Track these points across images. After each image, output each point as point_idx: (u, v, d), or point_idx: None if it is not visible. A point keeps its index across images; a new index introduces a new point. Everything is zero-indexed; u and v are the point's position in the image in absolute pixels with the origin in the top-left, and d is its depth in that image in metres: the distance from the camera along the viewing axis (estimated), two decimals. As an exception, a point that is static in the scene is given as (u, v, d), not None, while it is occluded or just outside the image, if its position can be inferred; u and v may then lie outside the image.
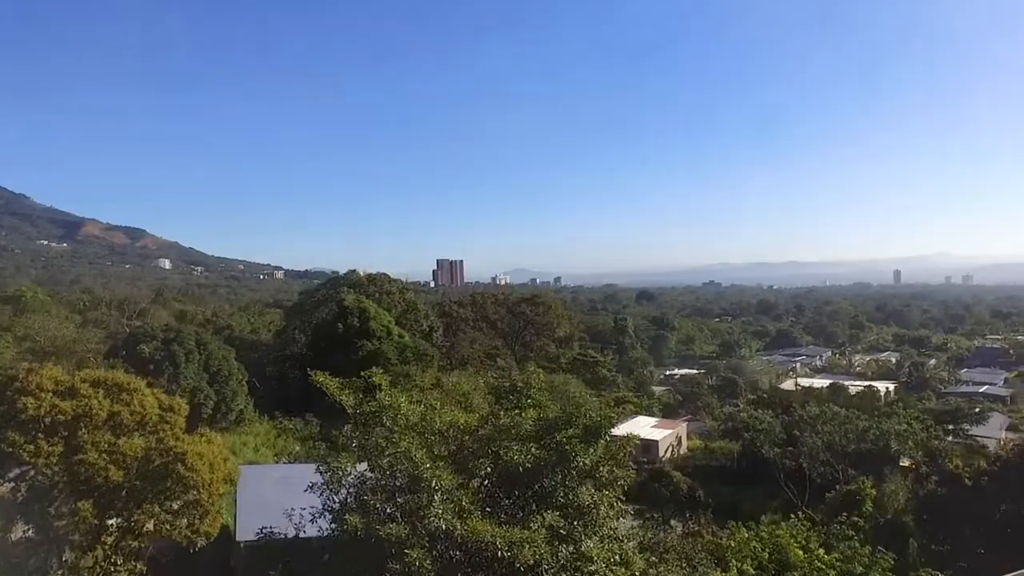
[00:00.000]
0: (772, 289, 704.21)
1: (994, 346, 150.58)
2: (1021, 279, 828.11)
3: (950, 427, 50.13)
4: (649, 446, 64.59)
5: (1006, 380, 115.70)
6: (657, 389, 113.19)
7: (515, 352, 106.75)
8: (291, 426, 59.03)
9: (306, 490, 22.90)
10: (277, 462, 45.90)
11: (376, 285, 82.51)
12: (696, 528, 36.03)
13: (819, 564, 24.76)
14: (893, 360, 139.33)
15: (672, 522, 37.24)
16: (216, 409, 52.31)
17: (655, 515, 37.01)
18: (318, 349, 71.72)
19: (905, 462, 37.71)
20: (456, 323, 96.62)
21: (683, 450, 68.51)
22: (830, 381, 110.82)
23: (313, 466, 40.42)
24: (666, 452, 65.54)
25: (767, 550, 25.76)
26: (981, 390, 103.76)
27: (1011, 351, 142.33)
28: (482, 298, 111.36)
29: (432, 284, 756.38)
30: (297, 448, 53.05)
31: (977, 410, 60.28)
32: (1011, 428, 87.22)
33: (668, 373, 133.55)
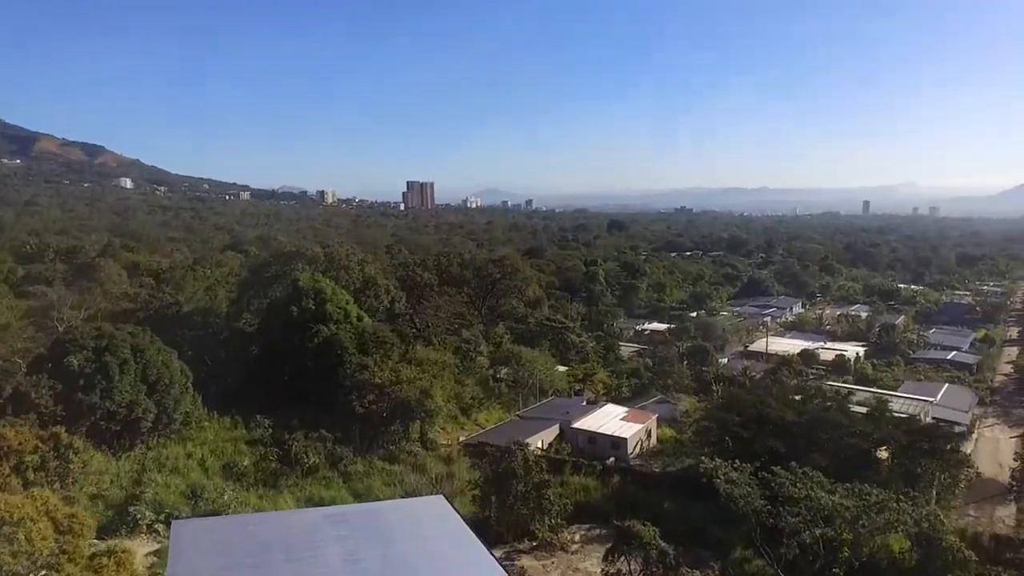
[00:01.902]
0: (744, 217, 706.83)
1: (962, 302, 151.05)
2: (984, 212, 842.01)
3: (926, 446, 48.23)
4: (618, 443, 62.60)
5: (973, 343, 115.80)
6: (626, 350, 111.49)
7: (483, 315, 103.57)
8: (242, 434, 55.67)
9: None
10: (224, 502, 42.25)
11: (333, 261, 77.73)
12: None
13: None
14: (863, 315, 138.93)
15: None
16: (157, 420, 48.58)
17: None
18: (272, 331, 67.77)
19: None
20: (420, 288, 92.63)
21: (653, 442, 66.72)
22: (802, 347, 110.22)
23: (269, 518, 37.60)
24: (635, 448, 63.61)
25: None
26: (949, 357, 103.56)
27: (978, 308, 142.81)
28: (447, 259, 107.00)
29: (402, 206, 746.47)
30: (246, 462, 50.06)
31: (956, 430, 59.28)
32: (980, 403, 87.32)
33: (639, 328, 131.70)
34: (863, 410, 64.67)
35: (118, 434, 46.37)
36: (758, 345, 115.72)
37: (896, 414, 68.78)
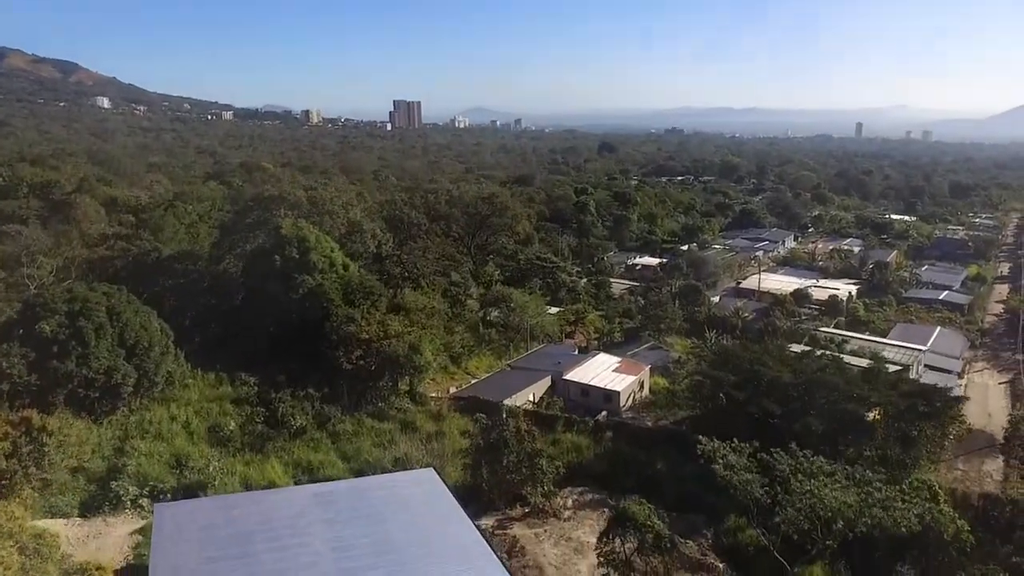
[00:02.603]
0: (735, 139, 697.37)
1: (954, 236, 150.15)
2: (976, 136, 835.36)
3: (923, 409, 47.72)
4: (610, 396, 62.00)
5: (965, 281, 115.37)
6: (618, 287, 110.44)
7: (472, 254, 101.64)
8: (227, 392, 54.42)
9: None
10: (210, 487, 41.07)
11: (317, 205, 74.78)
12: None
13: None
14: (855, 250, 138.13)
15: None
16: (138, 384, 47.07)
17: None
18: (255, 280, 65.68)
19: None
20: (407, 228, 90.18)
21: (646, 393, 66.21)
22: (794, 284, 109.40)
23: (254, 498, 36.50)
24: (628, 401, 63.09)
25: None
26: (941, 297, 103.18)
27: (970, 243, 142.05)
28: (435, 197, 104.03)
29: (389, 126, 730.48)
30: (232, 426, 49.01)
31: (949, 386, 59.11)
32: (971, 346, 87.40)
33: (630, 263, 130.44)
34: (858, 363, 64.36)
35: (98, 400, 44.94)
36: (750, 282, 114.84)
37: (889, 364, 68.73)
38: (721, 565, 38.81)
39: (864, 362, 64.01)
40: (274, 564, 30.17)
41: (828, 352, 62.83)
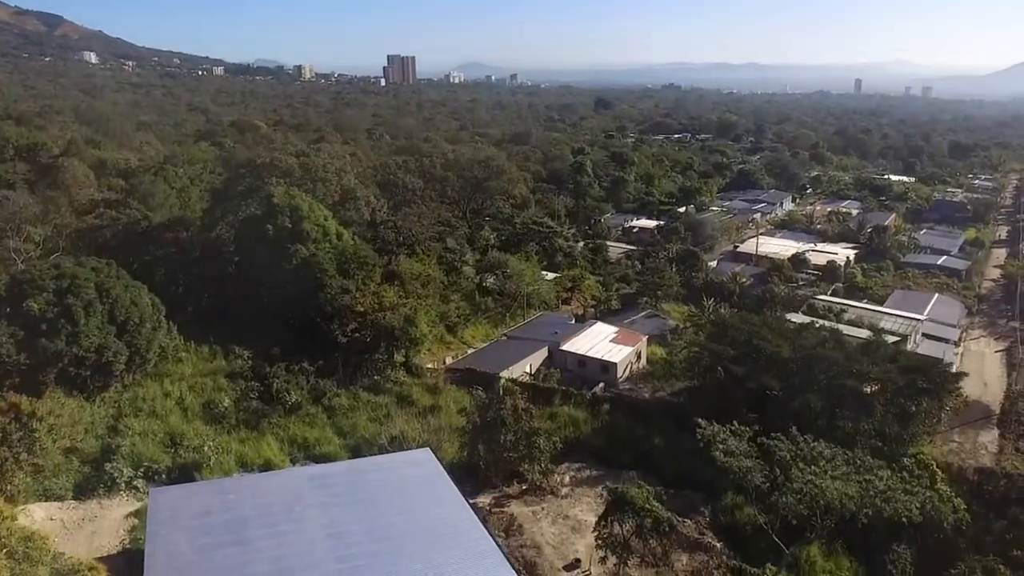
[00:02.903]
0: (732, 95, 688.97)
1: (953, 199, 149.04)
2: (977, 93, 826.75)
3: (923, 385, 47.53)
4: (608, 367, 61.69)
5: (963, 246, 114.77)
6: (614, 251, 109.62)
7: (467, 218, 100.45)
8: (221, 366, 53.89)
9: None
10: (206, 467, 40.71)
11: (309, 172, 73.18)
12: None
13: None
14: (854, 212, 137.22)
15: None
16: (130, 361, 46.39)
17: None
18: (247, 250, 64.65)
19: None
20: (402, 192, 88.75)
21: (643, 363, 65.97)
22: (792, 248, 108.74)
23: (250, 482, 36.14)
24: (625, 372, 62.83)
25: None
26: (939, 262, 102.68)
27: (969, 206, 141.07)
28: (430, 161, 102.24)
29: (383, 81, 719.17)
30: (227, 402, 48.57)
31: (950, 365, 59.21)
32: (967, 313, 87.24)
33: (627, 225, 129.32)
34: (857, 334, 64.04)
35: (89, 378, 44.31)
36: (748, 245, 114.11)
37: (888, 335, 68.51)
38: (719, 544, 38.86)
39: (864, 333, 63.67)
40: (270, 551, 30.00)
41: (827, 323, 62.47)
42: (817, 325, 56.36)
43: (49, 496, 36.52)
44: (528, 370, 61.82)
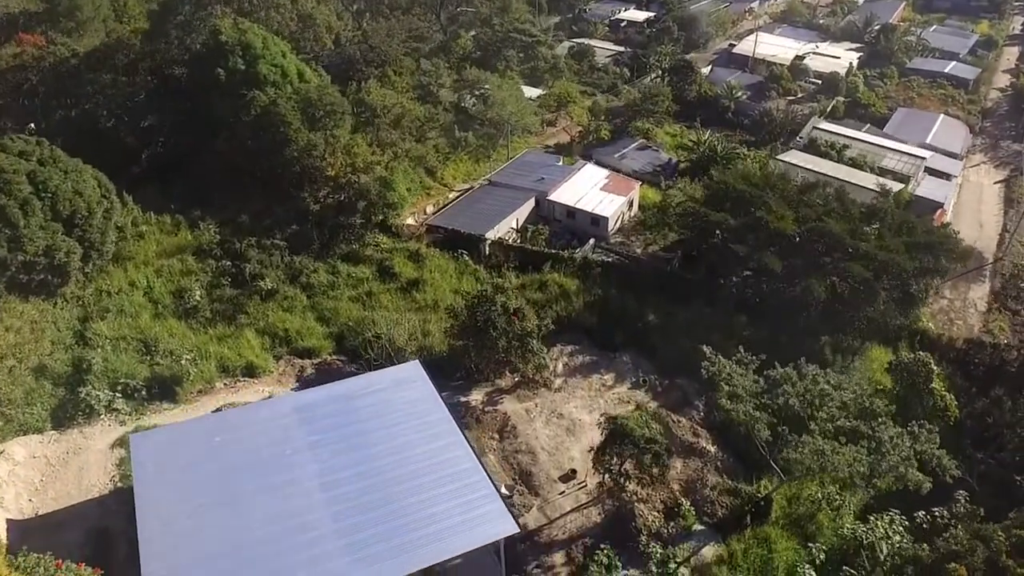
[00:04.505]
0: None
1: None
2: None
3: (930, 264, 45.91)
4: (598, 220, 58.71)
5: (974, 48, 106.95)
6: (601, 53, 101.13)
7: (443, 27, 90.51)
8: (187, 240, 50.08)
9: None
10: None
11: (262, -1, 62.89)
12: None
13: None
14: (860, 1, 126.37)
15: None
16: (86, 256, 42.54)
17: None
18: (197, 95, 57.53)
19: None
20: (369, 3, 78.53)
21: (635, 212, 62.94)
22: (792, 50, 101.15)
23: (234, 418, 34.37)
24: (616, 223, 60.00)
25: None
26: (946, 70, 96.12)
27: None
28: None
29: None
30: (198, 295, 45.77)
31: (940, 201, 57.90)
32: (971, 133, 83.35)
33: (615, 18, 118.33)
34: (860, 182, 61.08)
35: (43, 281, 40.84)
36: (744, 46, 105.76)
37: (892, 174, 65.70)
38: (712, 448, 38.96)
39: (869, 181, 60.74)
40: (264, 509, 29.26)
41: (830, 174, 59.13)
42: (821, 185, 52.70)
43: (27, 429, 34.89)
44: (515, 225, 58.75)
